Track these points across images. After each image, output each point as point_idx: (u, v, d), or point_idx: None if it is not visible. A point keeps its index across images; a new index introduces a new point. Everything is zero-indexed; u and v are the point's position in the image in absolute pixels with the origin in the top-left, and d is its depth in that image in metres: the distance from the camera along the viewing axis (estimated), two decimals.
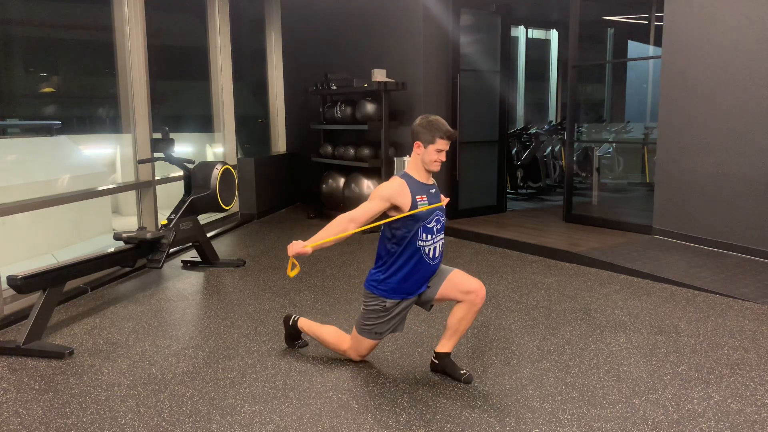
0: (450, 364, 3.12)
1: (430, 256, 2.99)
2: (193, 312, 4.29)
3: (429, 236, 2.95)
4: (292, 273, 2.95)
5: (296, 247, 2.85)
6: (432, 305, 3.16)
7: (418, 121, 2.95)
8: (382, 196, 2.87)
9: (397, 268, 2.96)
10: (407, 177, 2.95)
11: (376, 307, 3.01)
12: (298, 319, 3.45)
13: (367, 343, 3.12)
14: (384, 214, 2.93)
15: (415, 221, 2.91)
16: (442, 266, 3.10)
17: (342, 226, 2.86)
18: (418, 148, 2.93)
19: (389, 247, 2.99)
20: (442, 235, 3.05)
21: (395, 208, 2.88)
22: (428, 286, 3.06)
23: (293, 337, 3.51)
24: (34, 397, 2.96)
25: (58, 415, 2.77)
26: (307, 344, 3.53)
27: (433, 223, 2.96)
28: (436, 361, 3.14)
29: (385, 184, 2.94)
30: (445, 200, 3.15)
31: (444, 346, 3.13)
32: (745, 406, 2.78)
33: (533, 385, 3.01)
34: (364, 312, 3.07)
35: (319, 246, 2.87)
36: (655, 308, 4.13)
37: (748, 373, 3.10)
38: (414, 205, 2.88)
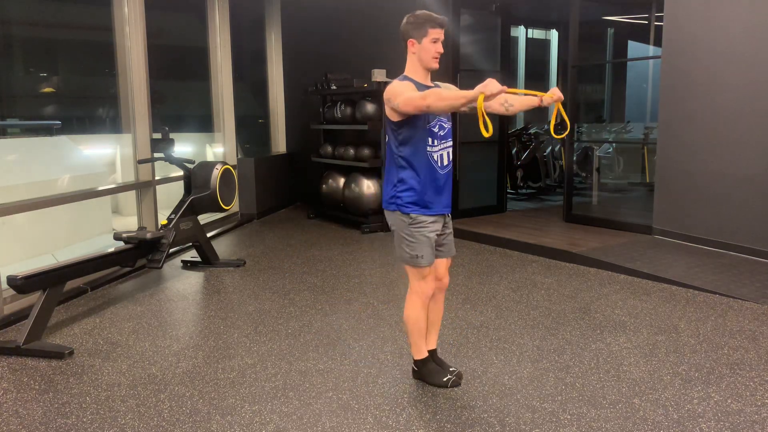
0: (439, 362, 3.12)
1: (440, 163, 2.85)
2: (193, 312, 4.29)
3: (435, 141, 2.83)
4: (489, 131, 2.45)
5: (495, 85, 2.40)
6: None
7: (404, 19, 2.82)
8: (408, 85, 2.71)
9: (410, 179, 2.82)
10: (409, 79, 2.81)
11: (404, 221, 2.84)
12: (420, 359, 3.04)
13: (422, 271, 2.88)
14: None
15: (418, 123, 2.78)
16: (451, 243, 3.01)
17: (439, 92, 2.59)
18: (412, 47, 2.81)
19: (398, 157, 2.85)
20: (450, 143, 2.91)
21: None
22: (443, 243, 2.94)
23: (440, 371, 3.04)
24: (34, 397, 2.96)
25: (58, 415, 2.77)
26: (460, 375, 3.08)
27: (437, 128, 2.84)
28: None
29: (394, 84, 2.77)
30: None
31: (428, 343, 3.11)
32: (745, 406, 2.78)
33: (533, 385, 3.01)
34: (397, 236, 2.90)
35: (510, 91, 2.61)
36: (655, 308, 4.13)
37: (748, 373, 3.10)
38: None
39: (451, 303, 4.28)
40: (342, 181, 7.46)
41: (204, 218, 6.42)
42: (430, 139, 2.82)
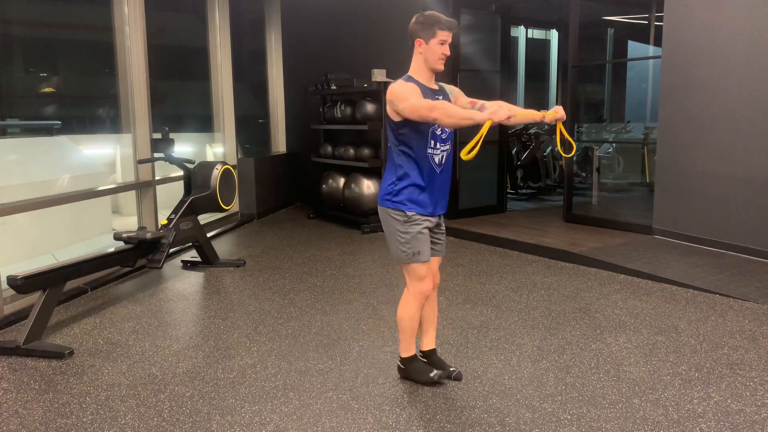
0: (439, 361, 3.12)
1: (440, 165, 2.86)
2: (193, 312, 4.29)
3: (436, 143, 2.83)
4: (471, 154, 2.52)
5: (508, 109, 2.49)
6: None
7: (414, 19, 2.81)
8: (413, 89, 2.70)
9: (409, 178, 2.82)
10: (413, 80, 2.80)
11: (398, 218, 2.84)
12: (408, 357, 3.03)
13: (420, 270, 2.87)
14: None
15: (420, 125, 2.76)
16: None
17: (449, 109, 2.59)
18: (419, 47, 2.79)
19: (397, 156, 2.85)
20: (450, 146, 2.90)
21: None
22: (436, 242, 2.96)
23: (427, 368, 3.03)
24: (34, 397, 2.96)
25: (58, 415, 2.77)
26: (460, 375, 3.09)
27: (439, 131, 2.83)
28: (425, 360, 3.12)
29: (398, 85, 2.76)
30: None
31: (428, 343, 3.13)
32: (745, 406, 2.78)
33: (533, 385, 3.01)
34: (391, 236, 2.90)
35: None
36: (655, 308, 4.13)
37: (748, 373, 3.10)
38: None
39: (451, 303, 4.28)
40: (342, 181, 7.46)
41: (204, 218, 6.42)
42: (432, 141, 2.82)
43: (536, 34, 12.59)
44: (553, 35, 12.61)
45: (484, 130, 2.47)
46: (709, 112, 5.44)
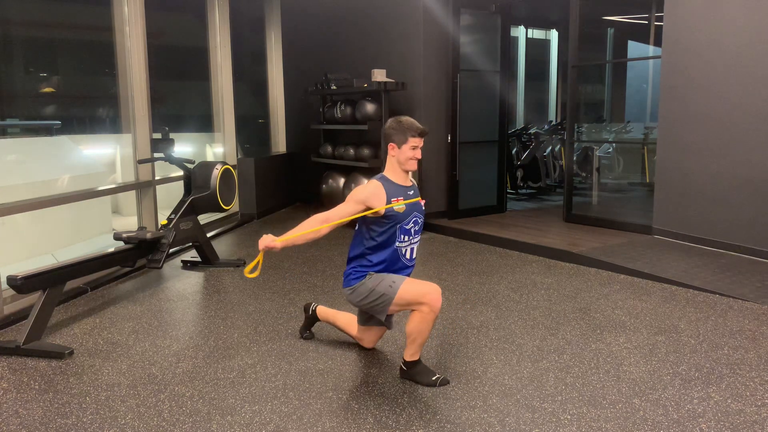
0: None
1: (407, 257, 3.03)
2: (193, 312, 4.29)
3: (407, 237, 2.99)
4: (253, 274, 2.91)
5: (266, 240, 2.85)
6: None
7: (388, 123, 3.01)
8: (357, 199, 2.89)
9: (374, 263, 2.99)
10: (384, 179, 2.99)
11: (359, 284, 3.00)
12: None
13: (417, 288, 2.91)
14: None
15: (392, 222, 2.93)
16: None
17: (314, 225, 2.86)
18: (392, 150, 2.98)
19: (366, 248, 3.00)
20: (419, 237, 3.09)
21: (370, 210, 2.90)
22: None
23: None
24: (34, 397, 2.96)
25: (58, 415, 2.77)
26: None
27: (410, 225, 2.99)
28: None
29: (361, 186, 2.97)
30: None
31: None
32: (745, 406, 2.78)
33: (533, 385, 3.01)
34: (366, 300, 2.99)
35: (290, 243, 2.87)
36: (655, 308, 4.13)
37: (748, 373, 3.10)
38: (389, 208, 2.91)
39: (451, 303, 4.28)
40: (342, 181, 7.45)
41: (204, 218, 6.42)
42: (402, 236, 2.98)
43: (536, 34, 12.59)
44: (553, 35, 12.61)
45: (260, 254, 2.90)
46: (709, 111, 5.45)
